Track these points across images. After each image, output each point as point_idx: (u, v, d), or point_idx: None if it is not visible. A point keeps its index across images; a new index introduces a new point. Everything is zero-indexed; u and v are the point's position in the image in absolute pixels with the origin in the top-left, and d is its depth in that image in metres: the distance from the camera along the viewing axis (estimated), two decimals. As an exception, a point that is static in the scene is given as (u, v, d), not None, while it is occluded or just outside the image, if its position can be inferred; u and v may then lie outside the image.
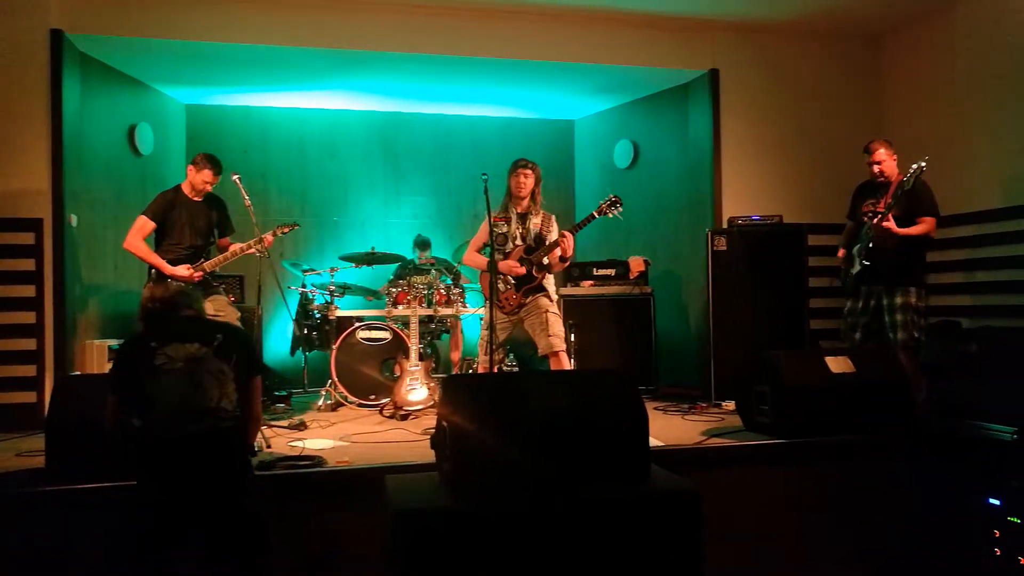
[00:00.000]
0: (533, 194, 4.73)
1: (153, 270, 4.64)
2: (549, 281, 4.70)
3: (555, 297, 4.73)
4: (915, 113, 6.06)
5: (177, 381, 2.61)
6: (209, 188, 4.79)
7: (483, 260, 4.75)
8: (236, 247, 4.81)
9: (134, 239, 4.65)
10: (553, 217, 4.78)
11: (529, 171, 4.69)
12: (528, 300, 4.62)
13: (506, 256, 4.66)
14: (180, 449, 2.56)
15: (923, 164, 4.38)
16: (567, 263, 4.72)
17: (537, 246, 4.65)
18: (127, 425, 2.64)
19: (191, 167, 4.76)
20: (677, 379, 6.05)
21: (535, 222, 4.71)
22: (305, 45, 5.54)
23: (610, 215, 4.64)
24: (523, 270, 4.61)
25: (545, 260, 4.62)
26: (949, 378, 4.83)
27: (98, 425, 3.17)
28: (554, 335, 4.56)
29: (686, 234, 6.40)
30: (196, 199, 4.77)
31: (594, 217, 4.65)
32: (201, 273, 4.68)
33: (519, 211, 4.73)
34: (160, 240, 4.72)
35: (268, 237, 4.78)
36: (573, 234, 4.58)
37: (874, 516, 3.84)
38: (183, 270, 4.60)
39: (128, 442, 2.63)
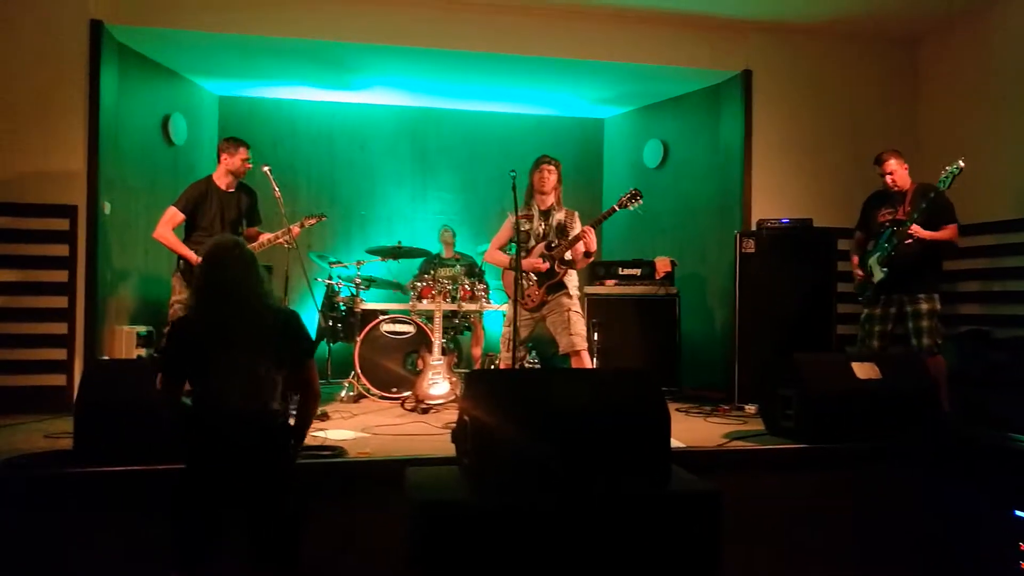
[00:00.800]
0: (555, 190, 4.72)
1: (181, 260, 4.68)
2: (572, 279, 4.68)
3: (576, 295, 4.71)
4: (949, 118, 5.97)
5: (226, 386, 2.56)
6: (249, 166, 4.83)
7: (505, 258, 4.75)
8: (264, 237, 4.86)
9: (164, 229, 4.69)
10: (576, 213, 4.77)
11: (552, 167, 4.68)
12: (550, 298, 4.61)
13: (528, 252, 4.67)
14: (226, 449, 2.55)
15: (961, 164, 4.31)
16: (591, 258, 4.70)
17: (559, 241, 4.64)
18: (178, 404, 2.63)
19: (224, 155, 4.79)
20: (700, 381, 6.02)
21: (558, 218, 4.70)
22: (338, 39, 5.58)
23: (630, 208, 4.61)
24: (545, 266, 4.60)
25: (567, 255, 4.61)
26: (978, 387, 4.76)
27: (126, 409, 3.25)
28: (576, 334, 4.55)
29: (714, 235, 6.36)
30: (228, 190, 4.81)
31: (615, 210, 4.62)
32: None
33: (542, 208, 4.72)
34: (190, 231, 4.76)
35: (295, 228, 4.83)
36: (594, 228, 4.57)
37: (897, 524, 3.78)
38: None
39: (179, 421, 2.63)
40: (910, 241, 4.47)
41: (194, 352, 2.59)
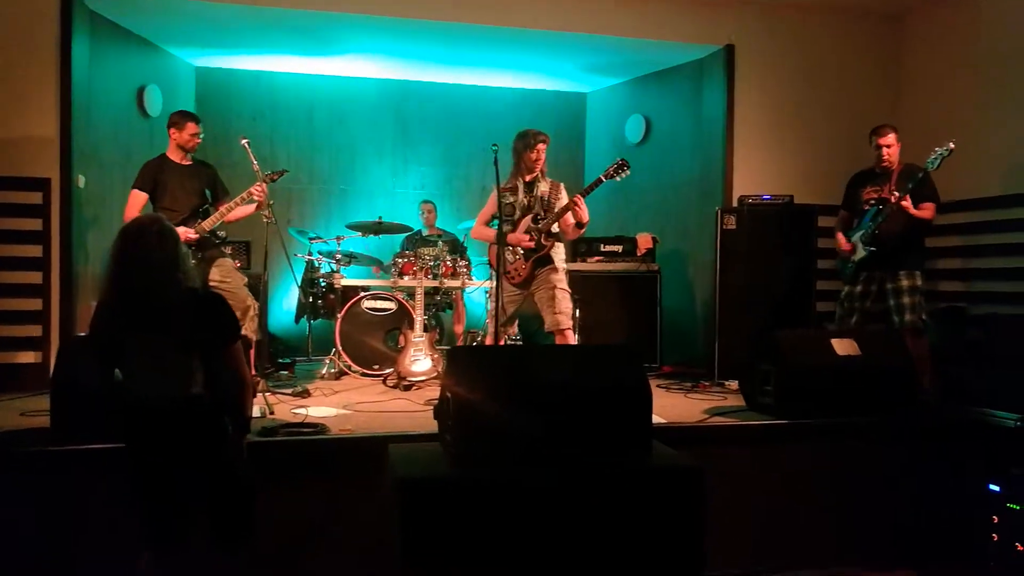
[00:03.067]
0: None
1: None
2: (559, 252, 4.63)
3: (564, 267, 4.64)
4: (931, 96, 5.98)
5: (143, 371, 2.53)
6: (199, 140, 4.68)
7: (491, 233, 4.69)
8: (231, 202, 4.64)
9: (132, 213, 4.53)
10: (561, 185, 4.68)
11: (544, 144, 4.59)
12: (537, 272, 4.56)
13: (514, 226, 4.63)
14: (149, 434, 2.54)
15: (951, 146, 4.33)
16: (583, 229, 4.61)
17: (545, 214, 4.56)
18: (110, 386, 2.62)
19: (173, 130, 4.64)
20: (681, 357, 6.05)
21: (543, 189, 4.61)
22: (317, 8, 5.46)
23: (617, 179, 4.51)
24: (531, 243, 4.54)
25: (554, 228, 4.56)
26: (954, 363, 4.82)
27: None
28: (561, 312, 4.50)
29: (695, 212, 6.36)
30: (185, 163, 4.68)
31: (601, 181, 4.49)
32: (197, 235, 4.55)
33: (526, 180, 4.63)
34: (154, 208, 4.59)
35: (261, 186, 4.60)
36: (583, 198, 4.46)
37: (874, 499, 3.85)
38: (180, 234, 4.49)
39: (114, 398, 2.61)
40: (894, 208, 4.47)
41: (112, 334, 2.55)
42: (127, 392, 2.55)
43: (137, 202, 4.58)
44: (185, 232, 4.49)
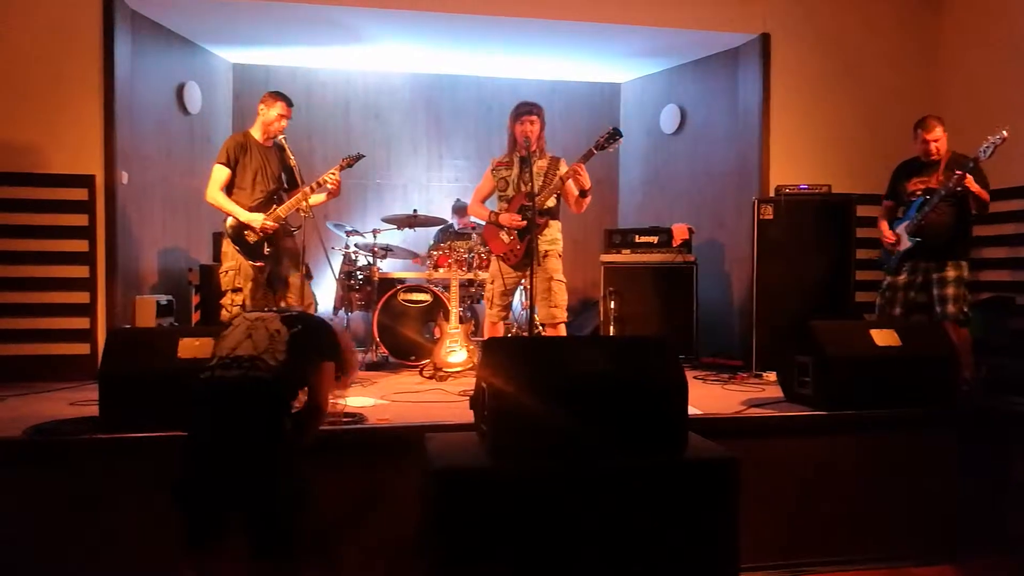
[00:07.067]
0: (539, 139, 4.49)
1: (230, 225, 4.51)
2: (555, 232, 4.51)
3: (560, 252, 4.53)
4: (974, 80, 5.83)
5: (235, 333, 2.64)
6: (285, 124, 4.65)
7: (485, 211, 4.65)
8: (306, 189, 4.59)
9: (213, 190, 4.51)
10: (562, 160, 4.55)
11: (535, 117, 4.46)
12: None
13: (509, 203, 4.55)
14: (214, 396, 2.53)
15: (1004, 134, 4.20)
16: (588, 197, 4.45)
17: (538, 191, 4.37)
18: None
19: (261, 106, 4.63)
20: (718, 349, 6.00)
21: (540, 165, 4.48)
22: (353, 4, 5.52)
23: (609, 149, 4.38)
24: (523, 223, 4.40)
25: (550, 203, 4.45)
26: (1000, 354, 4.72)
27: (150, 376, 3.29)
28: (555, 306, 4.42)
29: (732, 202, 6.30)
30: (267, 144, 4.66)
31: (593, 153, 4.35)
32: (274, 224, 4.54)
33: (522, 155, 4.46)
34: (231, 186, 4.57)
35: (335, 174, 4.62)
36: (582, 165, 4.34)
37: (915, 491, 3.79)
38: (258, 218, 4.47)
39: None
40: (956, 190, 4.34)
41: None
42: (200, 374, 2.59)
43: (219, 177, 4.51)
44: (263, 223, 4.50)
